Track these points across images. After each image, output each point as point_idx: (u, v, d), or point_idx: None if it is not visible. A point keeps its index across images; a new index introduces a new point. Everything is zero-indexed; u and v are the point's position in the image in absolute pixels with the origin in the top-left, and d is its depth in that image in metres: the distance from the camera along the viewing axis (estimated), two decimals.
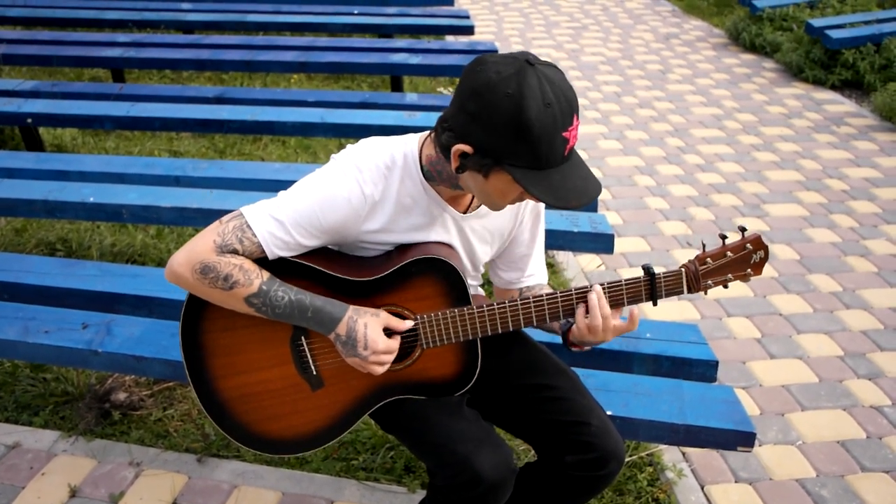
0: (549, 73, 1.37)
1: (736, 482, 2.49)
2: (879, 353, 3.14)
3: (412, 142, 1.59)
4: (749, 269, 1.63)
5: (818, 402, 2.85)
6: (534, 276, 1.85)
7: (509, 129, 1.35)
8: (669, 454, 2.56)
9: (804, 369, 3.03)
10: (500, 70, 1.36)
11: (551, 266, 3.74)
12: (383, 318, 1.59)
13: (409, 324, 1.60)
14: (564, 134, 1.38)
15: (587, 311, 1.59)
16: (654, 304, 1.62)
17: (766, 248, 1.62)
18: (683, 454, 2.58)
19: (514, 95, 1.34)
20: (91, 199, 3.05)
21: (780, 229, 4.12)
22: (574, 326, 1.62)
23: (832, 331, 3.28)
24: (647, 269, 1.60)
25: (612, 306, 1.60)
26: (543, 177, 1.39)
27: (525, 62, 1.37)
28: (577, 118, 1.40)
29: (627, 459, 2.49)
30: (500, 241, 1.77)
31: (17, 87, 4.65)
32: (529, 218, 1.78)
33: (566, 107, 1.37)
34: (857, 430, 2.72)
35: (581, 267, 3.75)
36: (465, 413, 1.72)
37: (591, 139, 5.38)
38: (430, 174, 1.57)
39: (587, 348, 1.67)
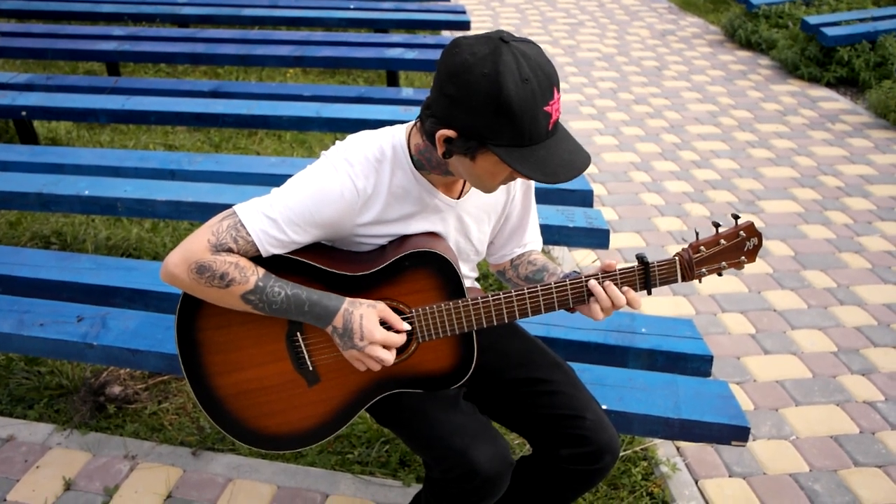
0: (524, 49, 1.37)
1: (730, 476, 2.50)
2: (873, 348, 3.15)
3: (400, 132, 1.59)
4: (743, 257, 1.63)
5: (812, 397, 2.86)
6: (527, 245, 1.88)
7: (489, 108, 1.35)
8: (664, 448, 2.57)
9: (798, 365, 3.04)
10: (475, 51, 1.36)
11: None
12: (380, 309, 1.58)
13: (406, 325, 1.60)
14: (546, 108, 1.37)
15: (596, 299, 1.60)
16: (649, 293, 1.62)
17: (759, 235, 1.62)
18: (678, 449, 2.59)
19: (490, 74, 1.33)
20: (86, 193, 3.05)
21: (774, 225, 4.14)
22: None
23: (826, 327, 3.29)
24: (641, 259, 1.60)
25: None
26: (529, 154, 1.39)
27: (499, 40, 1.36)
28: (558, 91, 1.40)
29: (622, 454, 2.50)
30: (497, 216, 1.78)
31: (11, 79, 4.64)
32: (520, 190, 1.79)
33: (545, 81, 1.36)
34: (851, 425, 2.73)
35: (576, 262, 3.76)
36: (461, 406, 1.72)
37: (586, 135, 5.39)
38: (420, 163, 1.57)
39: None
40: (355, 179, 1.53)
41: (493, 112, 1.35)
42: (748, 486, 2.46)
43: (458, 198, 1.66)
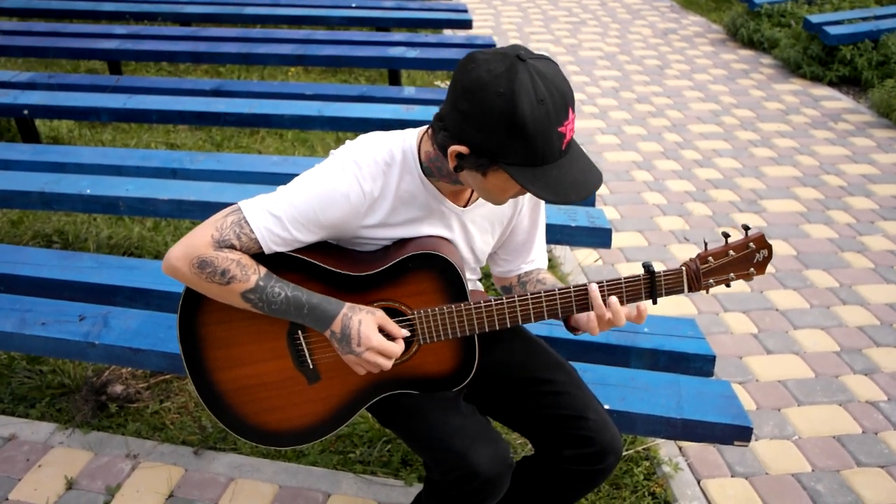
0: (541, 68, 1.35)
1: (732, 476, 2.49)
2: (875, 348, 3.14)
3: (411, 137, 1.58)
4: (752, 269, 1.59)
5: (814, 397, 2.86)
6: (534, 262, 1.86)
7: (503, 128, 1.34)
8: (666, 448, 2.56)
9: (800, 364, 3.04)
10: (491, 68, 1.35)
11: (549, 260, 3.74)
12: (379, 316, 1.58)
13: (405, 332, 1.60)
14: (560, 129, 1.36)
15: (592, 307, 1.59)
16: (654, 302, 1.61)
17: (769, 247, 1.58)
18: (680, 448, 2.59)
19: (505, 94, 1.32)
20: (88, 192, 3.04)
21: (777, 225, 4.13)
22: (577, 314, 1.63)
23: (828, 326, 3.28)
24: (648, 268, 1.58)
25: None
26: (541, 173, 1.38)
27: (516, 58, 1.35)
28: (573, 111, 1.38)
29: (624, 454, 2.49)
30: (502, 228, 1.77)
31: (13, 78, 4.63)
32: (528, 205, 1.78)
33: (560, 101, 1.35)
34: (853, 425, 2.72)
35: (578, 261, 3.75)
36: (461, 408, 1.71)
37: (588, 134, 5.38)
38: (430, 170, 1.56)
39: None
40: (362, 182, 1.53)
41: (506, 131, 1.34)
42: (750, 486, 2.45)
43: (465, 206, 1.65)
